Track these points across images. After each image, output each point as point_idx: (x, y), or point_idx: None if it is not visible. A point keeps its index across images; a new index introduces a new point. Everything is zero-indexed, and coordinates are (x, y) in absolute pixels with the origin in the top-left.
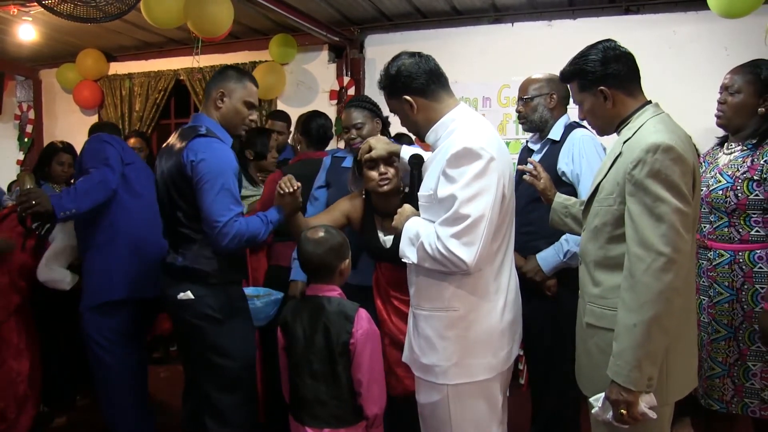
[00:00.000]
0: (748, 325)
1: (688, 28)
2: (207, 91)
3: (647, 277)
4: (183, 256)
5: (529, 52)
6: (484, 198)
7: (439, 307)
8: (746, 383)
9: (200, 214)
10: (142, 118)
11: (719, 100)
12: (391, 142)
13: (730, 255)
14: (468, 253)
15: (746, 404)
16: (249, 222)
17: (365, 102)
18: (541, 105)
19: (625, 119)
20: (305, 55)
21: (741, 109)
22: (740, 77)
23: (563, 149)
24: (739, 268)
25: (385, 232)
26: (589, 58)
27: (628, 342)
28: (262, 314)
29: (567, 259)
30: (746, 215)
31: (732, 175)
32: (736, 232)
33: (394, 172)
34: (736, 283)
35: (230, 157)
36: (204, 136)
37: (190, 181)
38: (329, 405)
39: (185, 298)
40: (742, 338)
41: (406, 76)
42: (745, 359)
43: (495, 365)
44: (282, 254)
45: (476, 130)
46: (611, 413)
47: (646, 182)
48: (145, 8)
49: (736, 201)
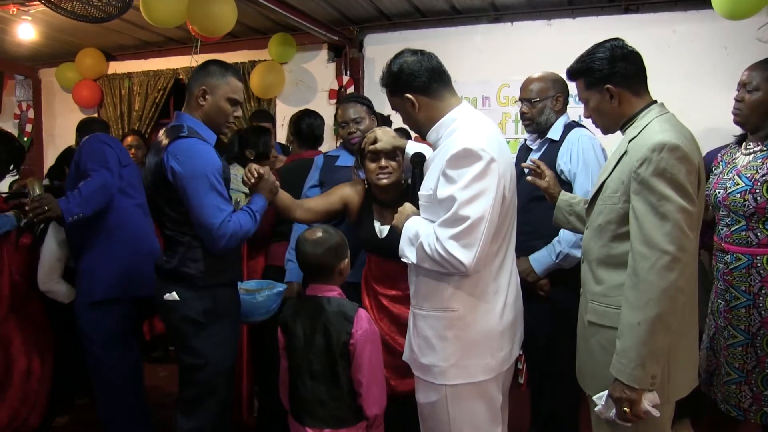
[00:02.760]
0: (766, 331)
1: (687, 28)
2: (188, 87)
3: (651, 275)
4: (171, 258)
5: (528, 52)
6: (483, 200)
7: (437, 308)
8: (765, 391)
9: (185, 218)
10: (142, 117)
11: (736, 97)
12: (397, 136)
13: (748, 259)
14: (467, 255)
15: (765, 413)
16: (240, 218)
17: (363, 98)
18: (548, 107)
19: (631, 118)
20: (304, 55)
21: (759, 107)
22: (758, 74)
23: (562, 148)
24: (757, 272)
25: (383, 221)
26: (597, 56)
27: (631, 340)
28: (262, 308)
29: (559, 261)
30: (765, 219)
31: (751, 177)
32: (754, 236)
33: (396, 166)
34: (753, 287)
35: (212, 157)
36: (185, 138)
37: (173, 186)
38: (329, 405)
39: (170, 299)
40: (759, 345)
41: (408, 74)
42: (764, 366)
43: (494, 366)
44: (278, 254)
45: (477, 131)
46: (614, 411)
47: (652, 181)
48: (144, 7)
49: (755, 205)
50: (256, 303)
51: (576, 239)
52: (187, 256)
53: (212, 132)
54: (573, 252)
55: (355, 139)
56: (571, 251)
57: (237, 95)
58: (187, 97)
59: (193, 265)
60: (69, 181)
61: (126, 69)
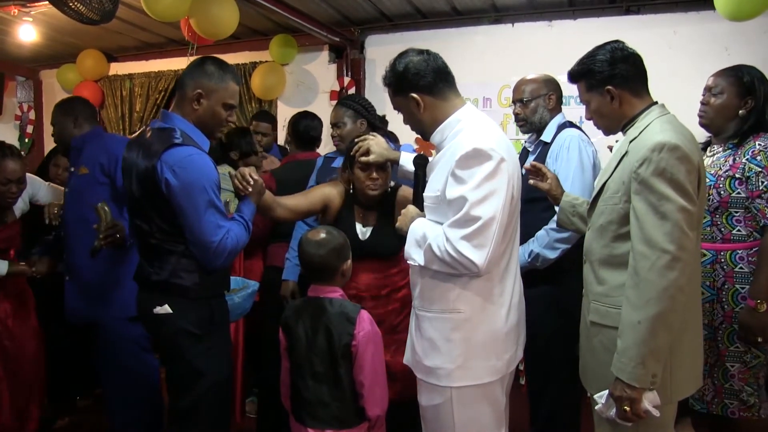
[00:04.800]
0: (728, 325)
1: (688, 29)
2: (181, 86)
3: (652, 275)
4: (160, 270)
5: (529, 53)
6: (494, 199)
7: (443, 309)
8: (725, 384)
9: (179, 230)
10: (143, 119)
11: (702, 101)
12: (390, 147)
13: (712, 255)
14: (479, 256)
15: (726, 405)
16: (236, 233)
17: (352, 101)
18: (540, 106)
19: (632, 119)
20: (305, 56)
21: (723, 110)
22: (723, 79)
23: (551, 149)
24: (721, 267)
25: (364, 224)
26: (597, 58)
27: (632, 339)
28: (239, 309)
29: (531, 260)
30: (728, 213)
31: (714, 174)
32: (718, 231)
33: (386, 177)
34: (717, 282)
35: (209, 169)
36: (179, 146)
37: (166, 199)
38: (331, 406)
39: (162, 312)
40: (721, 339)
41: (414, 73)
42: (724, 359)
43: (499, 368)
44: (277, 255)
45: (485, 131)
46: (615, 410)
47: (652, 180)
48: (146, 3)
49: (718, 199)
50: (234, 304)
51: (549, 240)
52: (180, 266)
53: (205, 137)
54: (545, 252)
55: (336, 143)
56: (543, 251)
57: (234, 100)
58: (179, 97)
59: (188, 276)
60: (78, 181)
61: (127, 70)
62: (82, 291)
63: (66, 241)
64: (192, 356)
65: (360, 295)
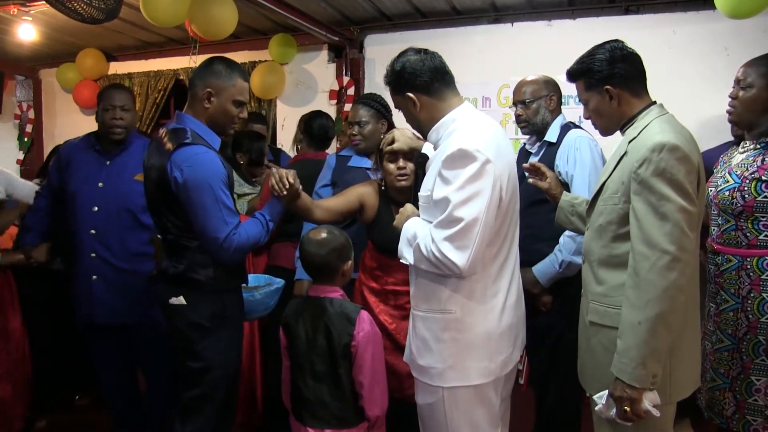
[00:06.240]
0: (753, 336)
1: (688, 28)
2: (191, 86)
3: (652, 275)
4: (177, 264)
5: (528, 52)
6: (478, 201)
7: (435, 309)
8: (749, 399)
9: (191, 225)
10: (142, 118)
11: (730, 94)
12: (414, 137)
13: (738, 260)
14: (461, 257)
15: (748, 422)
16: (248, 229)
17: (374, 101)
18: (542, 107)
19: (630, 119)
20: (305, 55)
21: (752, 104)
22: (753, 70)
23: (560, 150)
24: (747, 274)
25: None
26: (596, 57)
27: (632, 339)
28: (261, 306)
29: (563, 269)
30: (754, 218)
31: (740, 175)
32: (744, 237)
33: (413, 168)
34: (743, 290)
35: (217, 166)
36: (189, 145)
37: (176, 197)
38: (331, 406)
39: (177, 303)
40: (745, 350)
41: (410, 72)
42: (749, 373)
43: (492, 369)
44: (281, 255)
45: (475, 131)
46: (614, 410)
47: (652, 181)
48: (144, 6)
49: (742, 202)
50: (255, 300)
51: (576, 246)
52: (196, 261)
53: (216, 135)
54: (575, 259)
55: (356, 141)
56: (573, 259)
57: (243, 96)
58: (190, 98)
59: (203, 271)
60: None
61: (126, 69)
62: (116, 290)
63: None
64: (200, 348)
65: (397, 290)
